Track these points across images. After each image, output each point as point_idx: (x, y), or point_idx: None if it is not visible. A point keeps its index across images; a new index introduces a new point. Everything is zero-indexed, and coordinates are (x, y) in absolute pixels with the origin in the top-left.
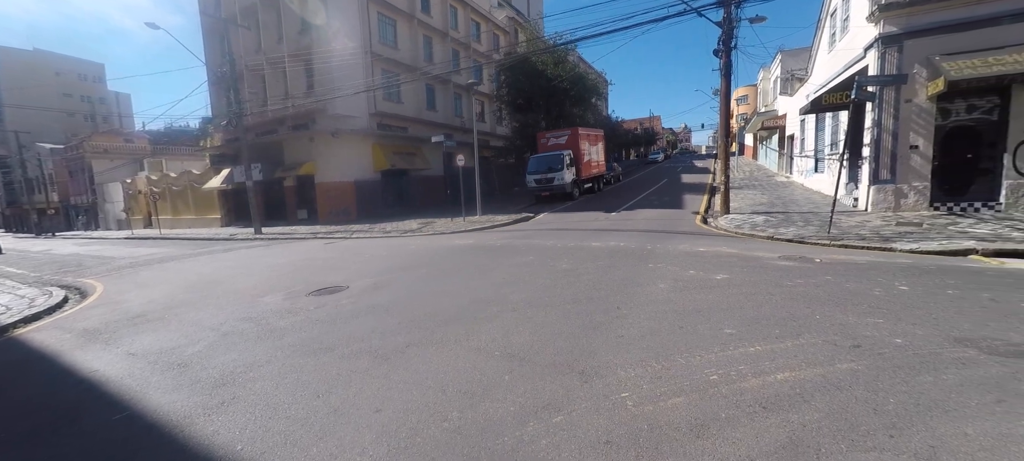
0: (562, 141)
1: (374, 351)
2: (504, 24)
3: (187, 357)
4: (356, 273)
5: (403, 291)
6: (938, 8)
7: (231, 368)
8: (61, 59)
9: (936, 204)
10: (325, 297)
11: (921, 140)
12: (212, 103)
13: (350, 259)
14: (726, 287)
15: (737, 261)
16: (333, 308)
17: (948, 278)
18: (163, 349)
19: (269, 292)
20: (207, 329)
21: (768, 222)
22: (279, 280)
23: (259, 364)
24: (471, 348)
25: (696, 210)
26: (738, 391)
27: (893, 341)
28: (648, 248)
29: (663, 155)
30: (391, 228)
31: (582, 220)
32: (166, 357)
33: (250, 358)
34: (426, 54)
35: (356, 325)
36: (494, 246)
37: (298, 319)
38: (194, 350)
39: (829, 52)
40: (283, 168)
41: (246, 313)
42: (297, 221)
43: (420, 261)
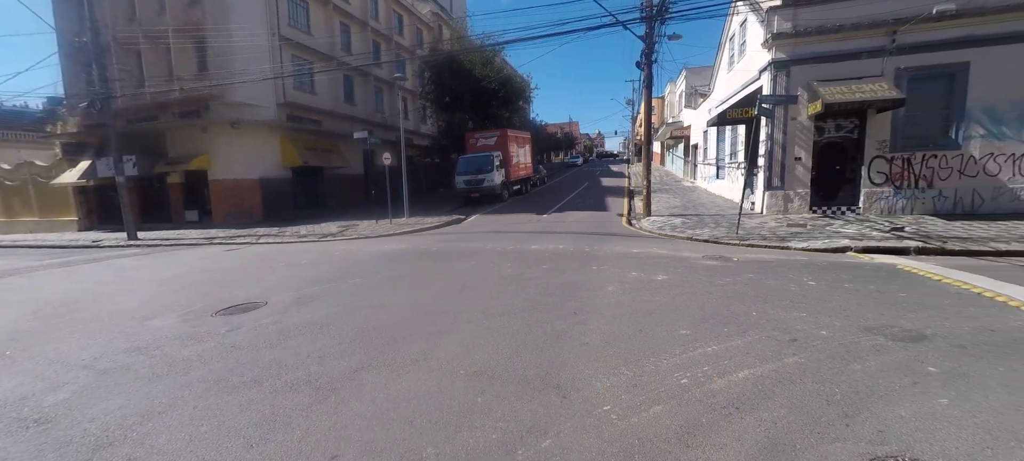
0: (491, 142)
1: (315, 381)
2: (428, 19)
3: (48, 409)
4: (274, 285)
5: (337, 305)
6: (815, 41)
7: (118, 420)
8: None
9: (814, 208)
10: (238, 317)
11: (803, 153)
12: (65, 80)
13: (262, 268)
14: (668, 288)
15: (670, 262)
16: (252, 330)
17: (840, 273)
18: (8, 400)
19: (160, 313)
20: (75, 367)
21: (685, 224)
22: (172, 297)
23: (160, 411)
24: (432, 368)
25: (620, 212)
26: (710, 394)
27: (820, 333)
28: (586, 250)
29: (582, 159)
30: (306, 231)
31: (515, 222)
32: (14, 411)
33: (145, 403)
34: (344, 43)
35: (286, 349)
36: (431, 251)
37: (207, 347)
38: (58, 398)
39: (728, 71)
40: (167, 161)
41: (131, 342)
42: (185, 224)
43: (351, 269)
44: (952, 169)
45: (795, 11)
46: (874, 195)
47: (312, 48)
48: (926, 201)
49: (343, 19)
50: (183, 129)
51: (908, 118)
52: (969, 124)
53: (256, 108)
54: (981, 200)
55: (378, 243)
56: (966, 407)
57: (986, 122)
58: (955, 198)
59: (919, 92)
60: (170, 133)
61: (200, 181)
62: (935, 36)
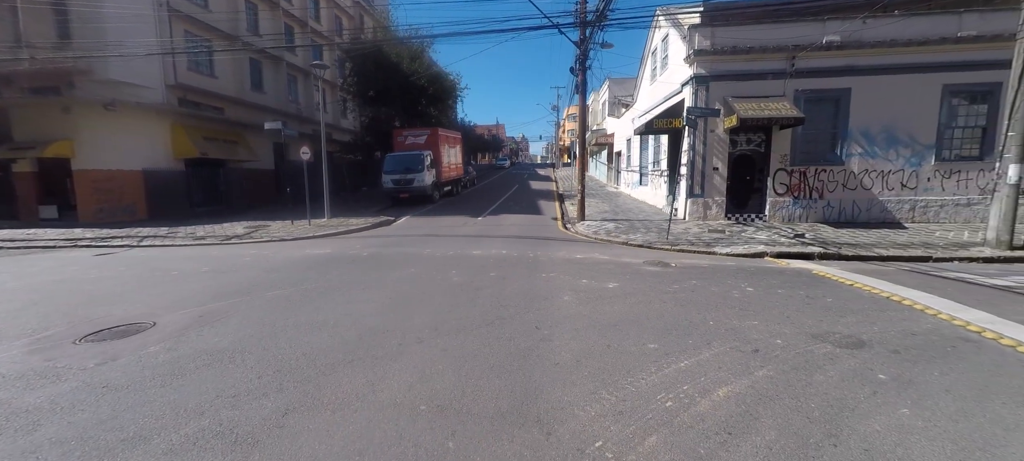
0: (421, 141)
1: (228, 431)
2: (348, 6)
3: None
4: (164, 301)
5: (252, 325)
6: (730, 59)
7: None
8: None
9: (729, 215)
10: (114, 344)
11: (720, 163)
12: None
13: (147, 278)
14: (623, 297)
15: (615, 268)
16: (134, 362)
17: (770, 279)
18: None
19: (12, 340)
20: None
21: (618, 229)
22: (18, 317)
23: None
24: (384, 404)
25: (554, 216)
26: (698, 417)
27: (775, 342)
28: (531, 256)
29: (509, 162)
30: (205, 233)
31: (450, 225)
32: None
33: None
34: (250, 24)
35: (185, 388)
36: (362, 256)
37: (66, 388)
38: None
39: (651, 83)
40: (12, 146)
41: None
42: (40, 221)
43: (266, 279)
44: (838, 182)
45: (713, 30)
46: (777, 204)
47: (210, 25)
48: (818, 210)
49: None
50: (35, 108)
51: (804, 135)
52: (850, 143)
53: (138, 88)
54: (859, 210)
55: (297, 247)
56: (926, 416)
57: (863, 142)
58: (840, 208)
59: (813, 112)
60: (16, 112)
61: (61, 171)
62: (825, 63)
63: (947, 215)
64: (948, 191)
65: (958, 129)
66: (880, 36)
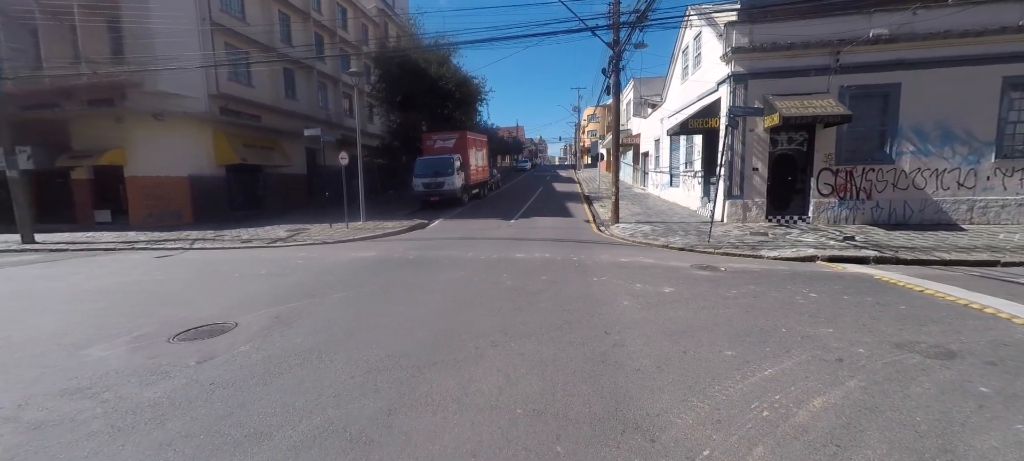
0: (450, 144)
1: (341, 430)
2: (374, 15)
3: None
4: (236, 302)
5: (328, 326)
6: (770, 56)
7: None
8: None
9: (770, 217)
10: (206, 342)
11: (760, 164)
12: None
13: (212, 280)
14: (683, 302)
15: (665, 272)
16: (230, 360)
17: (830, 284)
18: None
19: (99, 338)
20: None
21: (655, 231)
22: (107, 317)
23: None
24: (481, 407)
25: (586, 219)
26: (800, 429)
27: (857, 351)
28: (574, 259)
29: (530, 163)
30: (249, 236)
31: (484, 228)
32: None
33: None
34: (284, 34)
35: (285, 387)
36: (408, 259)
37: (178, 384)
38: None
39: (682, 83)
40: (71, 155)
41: (68, 380)
42: (96, 225)
43: (324, 281)
44: (887, 182)
45: (751, 27)
46: (822, 205)
47: (248, 37)
48: (866, 212)
49: (283, 8)
50: (92, 119)
51: (850, 133)
52: (901, 141)
53: (184, 99)
54: (911, 211)
55: (342, 250)
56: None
57: (915, 139)
58: (890, 209)
59: (859, 109)
60: (75, 123)
61: (114, 177)
62: (872, 58)
63: (1009, 216)
64: (1010, 190)
65: (1021, 124)
66: (933, 27)
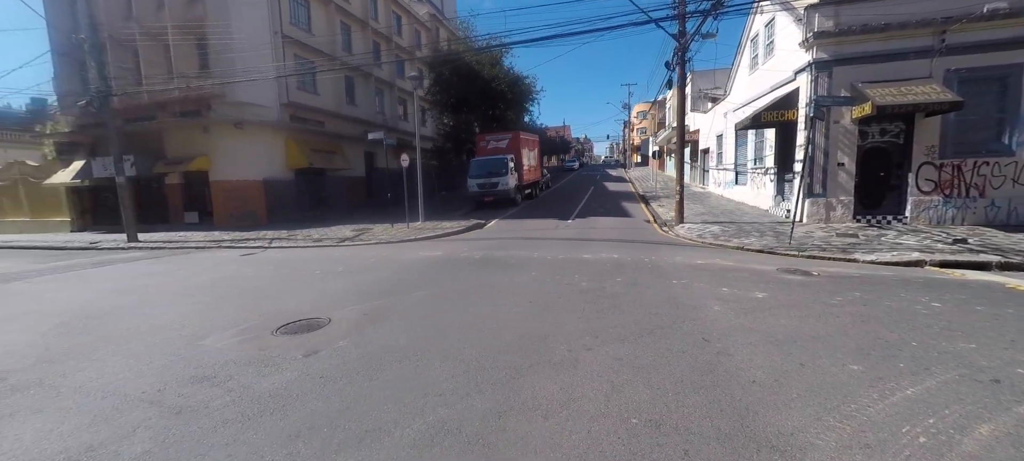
0: (503, 145)
1: (455, 429)
2: (425, 20)
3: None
4: (324, 298)
5: (415, 324)
6: (859, 40)
7: None
8: None
9: (858, 217)
10: (306, 337)
11: (846, 158)
12: (59, 79)
13: (296, 276)
14: (782, 309)
15: (749, 275)
16: (333, 355)
17: (953, 293)
18: (71, 454)
19: (210, 330)
20: (137, 402)
21: (725, 232)
22: (213, 310)
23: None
24: (592, 414)
25: (646, 218)
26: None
27: (1016, 372)
28: (646, 260)
29: (578, 163)
30: (319, 235)
31: (542, 228)
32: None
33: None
34: (344, 43)
35: (389, 383)
36: (474, 259)
37: (290, 377)
38: (136, 451)
39: (750, 74)
40: (165, 162)
41: (194, 368)
42: (185, 225)
43: (401, 279)
44: (1006, 177)
45: (837, 9)
46: (922, 204)
47: (314, 47)
48: (978, 211)
49: (344, 18)
50: (183, 129)
51: (958, 122)
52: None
53: (259, 108)
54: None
55: (407, 249)
56: None
57: None
58: (1009, 208)
59: (970, 95)
60: (169, 133)
61: (201, 182)
62: (987, 36)
63: None
64: None
65: None
66: None
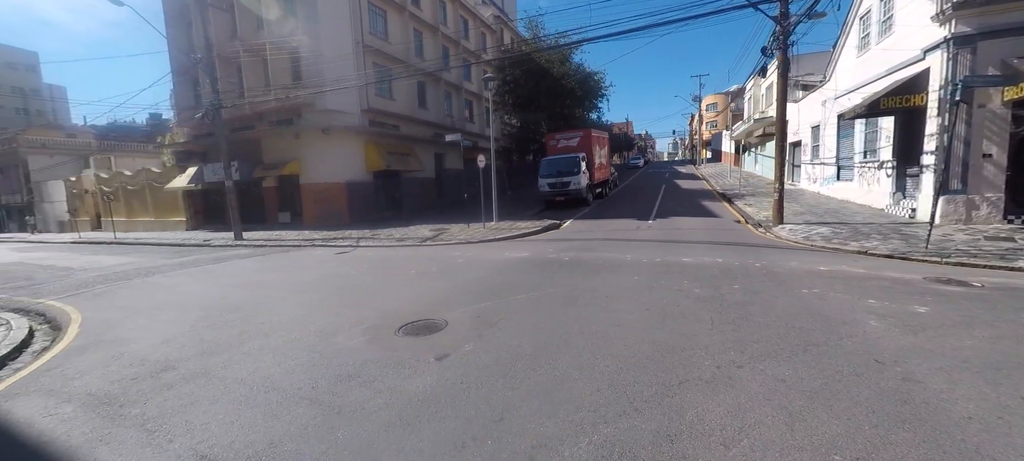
0: (574, 143)
1: (628, 452)
2: (490, 22)
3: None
4: (428, 298)
5: (530, 328)
6: (1010, 8)
7: None
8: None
9: (1010, 217)
10: (430, 339)
11: (995, 148)
12: (176, 95)
13: (392, 276)
14: (957, 327)
15: (892, 284)
16: (463, 359)
17: None
18: (257, 450)
19: (336, 327)
20: (296, 398)
21: (837, 234)
22: (330, 307)
23: None
24: (780, 446)
25: (736, 219)
26: None
27: None
28: (756, 265)
29: (643, 160)
30: (400, 235)
31: (622, 228)
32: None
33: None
34: (417, 49)
35: (535, 393)
36: (564, 260)
37: (430, 381)
38: (309, 453)
39: (858, 56)
40: (263, 167)
41: (338, 367)
42: (278, 225)
43: (497, 281)
44: None
45: None
46: None
47: (391, 55)
48: None
49: (417, 26)
50: (277, 137)
51: None
52: None
53: (343, 114)
54: None
55: (491, 249)
56: None
57: None
58: None
59: None
60: (265, 141)
61: (292, 185)
62: None
63: None
64: None
65: None
66: None
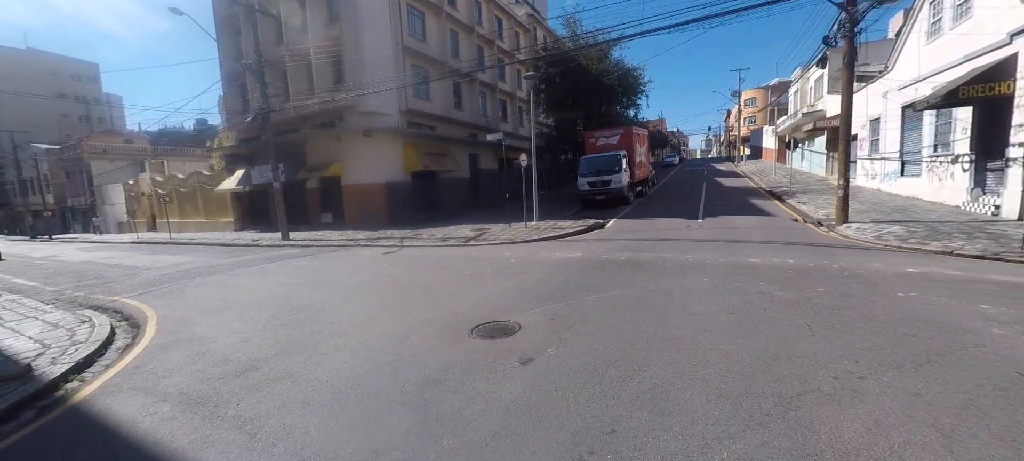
0: (614, 141)
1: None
2: (524, 21)
3: None
4: (491, 298)
5: (611, 332)
6: None
7: None
8: (55, 59)
9: None
10: (506, 342)
11: None
12: (225, 100)
13: (448, 276)
14: None
15: (999, 288)
16: (550, 365)
17: None
18: (351, 454)
19: (408, 329)
20: (388, 403)
21: (913, 233)
22: (395, 308)
23: None
24: None
25: (793, 217)
26: None
27: None
28: (834, 266)
29: (678, 158)
30: (443, 235)
31: (672, 227)
32: None
33: None
34: (453, 49)
35: (639, 402)
36: (621, 261)
37: (521, 386)
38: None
39: (928, 43)
40: (306, 169)
41: (417, 369)
42: (321, 225)
43: (559, 282)
44: None
45: None
46: None
47: (428, 56)
48: None
49: (453, 26)
50: (319, 139)
51: None
52: None
53: (383, 116)
54: None
55: (540, 249)
56: None
57: None
58: None
59: None
60: (308, 143)
61: (334, 186)
62: None
63: None
64: None
65: None
66: None
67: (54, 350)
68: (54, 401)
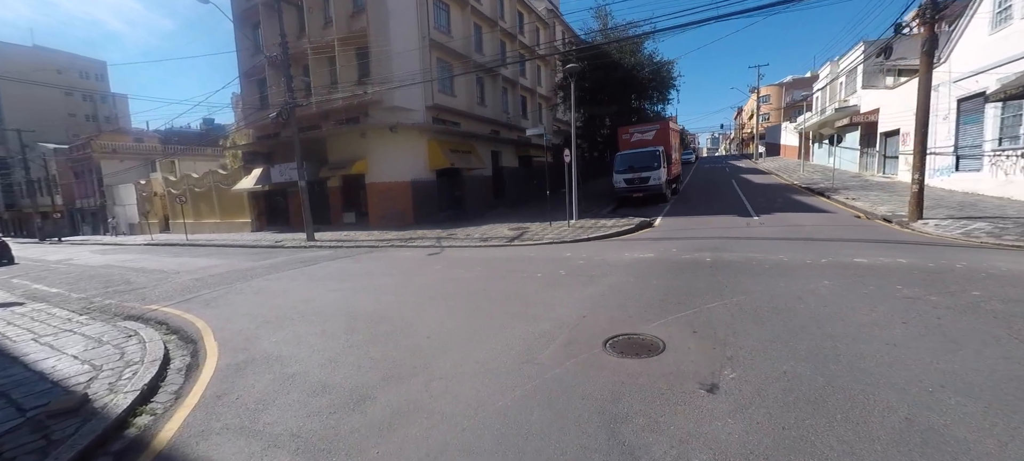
0: (649, 136)
1: None
2: (544, 16)
3: None
4: (595, 306)
5: (785, 350)
6: None
7: None
8: (63, 56)
9: None
10: (660, 361)
11: None
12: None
13: (518, 279)
14: None
15: None
16: (742, 393)
17: None
18: None
19: (526, 346)
20: (579, 449)
21: (1003, 230)
22: (485, 318)
23: None
24: None
25: (855, 214)
26: None
27: None
28: (959, 267)
29: (694, 156)
30: (480, 234)
31: (729, 226)
32: None
33: None
34: (476, 44)
35: (893, 446)
36: (706, 262)
37: (736, 428)
38: None
39: (991, 32)
40: (328, 167)
41: (576, 399)
42: (343, 225)
43: (657, 286)
44: None
45: None
46: None
47: (454, 50)
48: None
49: (477, 20)
50: (342, 136)
51: None
52: None
53: (409, 112)
54: None
55: (605, 249)
56: None
57: None
58: None
59: None
60: (330, 140)
61: (357, 185)
62: None
63: None
64: None
65: None
66: None
67: (107, 373)
68: (129, 444)
